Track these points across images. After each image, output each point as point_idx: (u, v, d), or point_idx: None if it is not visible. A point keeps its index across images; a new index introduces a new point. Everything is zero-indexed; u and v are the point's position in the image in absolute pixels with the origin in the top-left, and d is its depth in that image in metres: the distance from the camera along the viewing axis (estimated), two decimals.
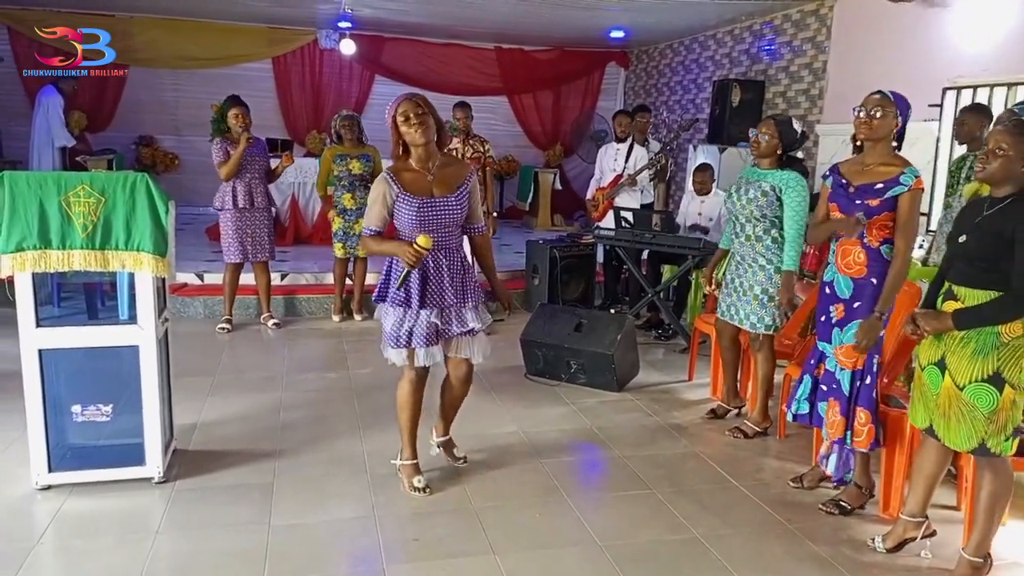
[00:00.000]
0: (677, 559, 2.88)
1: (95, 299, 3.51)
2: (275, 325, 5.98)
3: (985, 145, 2.60)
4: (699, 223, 5.97)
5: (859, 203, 3.04)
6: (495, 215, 6.45)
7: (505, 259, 7.60)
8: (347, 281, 6.25)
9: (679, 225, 6.08)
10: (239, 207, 5.61)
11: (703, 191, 6.00)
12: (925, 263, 4.61)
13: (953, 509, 3.28)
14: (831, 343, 3.20)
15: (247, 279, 5.95)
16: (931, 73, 5.67)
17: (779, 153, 3.84)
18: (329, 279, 6.40)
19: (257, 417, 4.14)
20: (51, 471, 3.19)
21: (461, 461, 3.49)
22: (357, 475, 3.47)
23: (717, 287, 4.19)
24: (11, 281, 3.03)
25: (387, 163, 7.09)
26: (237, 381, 4.72)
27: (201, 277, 6.52)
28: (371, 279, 6.27)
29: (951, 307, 2.63)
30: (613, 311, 6.11)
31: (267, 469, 3.49)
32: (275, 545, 2.87)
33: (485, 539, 2.96)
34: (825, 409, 3.25)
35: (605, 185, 6.60)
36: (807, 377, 3.36)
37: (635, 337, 4.97)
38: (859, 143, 3.12)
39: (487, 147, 6.06)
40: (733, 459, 3.79)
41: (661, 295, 5.92)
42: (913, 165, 3.04)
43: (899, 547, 2.92)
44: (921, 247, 4.74)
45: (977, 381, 2.57)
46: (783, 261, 3.81)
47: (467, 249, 3.38)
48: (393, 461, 3.43)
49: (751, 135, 3.93)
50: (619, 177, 6.49)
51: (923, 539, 2.91)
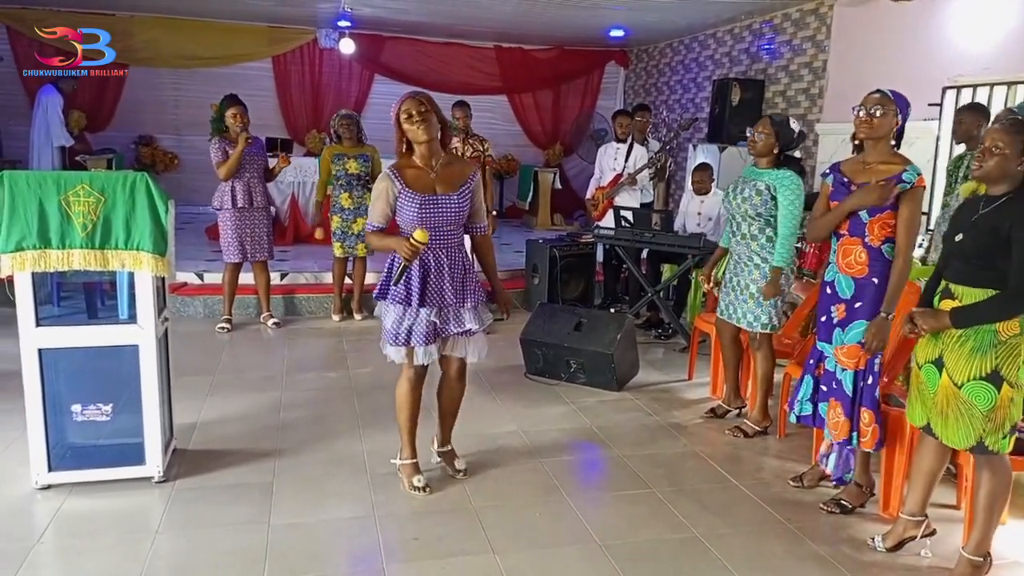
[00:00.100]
0: (677, 558, 2.88)
1: (95, 298, 3.51)
2: (275, 324, 5.98)
3: (982, 144, 2.60)
4: (699, 224, 5.97)
5: None
6: (494, 214, 6.45)
7: (505, 258, 7.60)
8: (347, 280, 6.26)
9: (679, 225, 6.09)
10: (238, 207, 5.61)
11: (702, 191, 6.00)
12: (924, 262, 4.61)
13: (953, 508, 3.28)
14: (832, 343, 3.19)
15: (247, 279, 5.96)
16: (931, 72, 5.67)
17: (776, 152, 3.84)
18: (329, 278, 6.39)
19: (257, 417, 4.14)
20: (51, 470, 3.19)
21: (460, 474, 3.46)
22: (357, 474, 3.47)
23: (716, 286, 4.19)
24: (11, 280, 3.03)
25: (387, 162, 7.11)
26: (237, 381, 4.72)
27: (201, 276, 6.52)
28: (370, 278, 6.27)
29: (948, 305, 2.63)
30: (613, 310, 6.12)
31: (267, 468, 3.50)
32: (275, 544, 2.87)
33: (485, 538, 2.96)
34: (826, 410, 3.25)
35: (605, 184, 6.60)
36: (808, 377, 3.35)
37: (635, 336, 4.97)
38: (858, 142, 3.12)
39: (486, 146, 6.06)
40: (733, 458, 3.80)
41: (661, 294, 5.92)
42: (914, 163, 3.04)
43: (899, 546, 2.92)
44: (921, 246, 4.73)
45: (975, 379, 2.57)
46: (776, 259, 3.82)
47: (468, 248, 3.37)
48: (393, 460, 3.43)
49: (748, 134, 3.93)
50: (619, 176, 6.49)
51: (923, 538, 2.91)
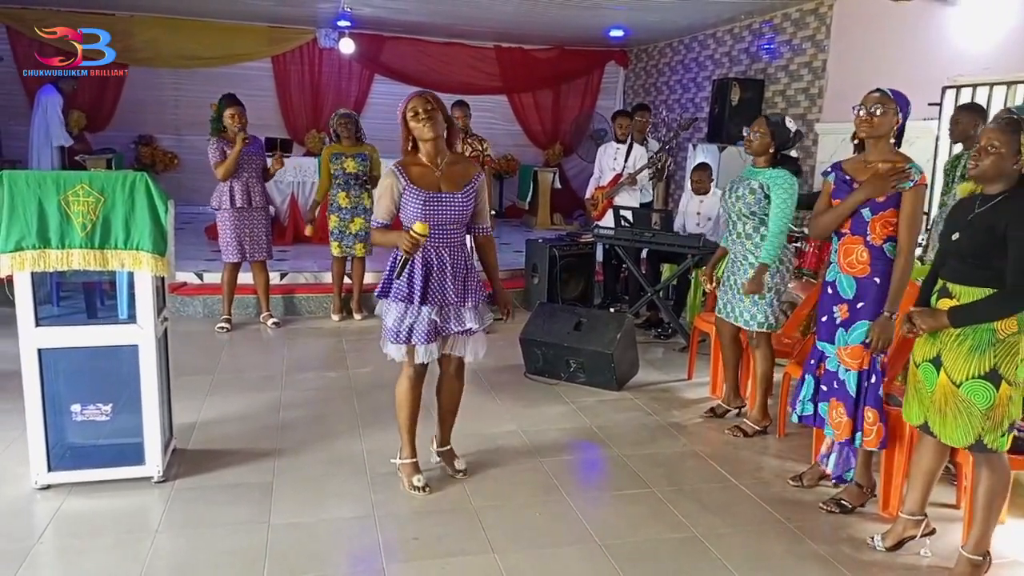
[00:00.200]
0: (677, 558, 2.88)
1: (94, 298, 3.50)
2: (274, 324, 5.98)
3: (978, 143, 2.61)
4: (698, 224, 5.97)
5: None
6: (492, 214, 6.44)
7: (504, 258, 7.58)
8: (346, 280, 6.26)
9: (678, 225, 6.09)
10: (236, 207, 5.60)
11: (701, 190, 6.01)
12: (922, 261, 4.61)
13: (952, 508, 3.28)
14: (833, 343, 3.18)
15: (246, 278, 5.95)
16: (931, 72, 5.67)
17: (772, 152, 3.85)
18: (328, 278, 6.39)
19: (256, 416, 4.14)
20: (50, 470, 3.19)
21: (461, 474, 3.45)
22: (357, 474, 3.47)
23: (717, 285, 4.20)
24: (10, 280, 3.03)
25: (387, 161, 7.08)
26: (236, 380, 4.72)
27: (200, 276, 6.52)
28: (369, 278, 6.27)
29: (946, 305, 2.63)
30: (612, 310, 6.12)
31: (266, 468, 3.50)
32: (274, 544, 2.87)
33: (484, 538, 2.96)
34: (827, 409, 3.24)
35: (604, 184, 6.60)
36: (808, 377, 3.34)
37: (634, 336, 4.97)
38: (859, 141, 3.12)
39: (485, 146, 6.06)
40: (733, 458, 3.80)
41: (660, 294, 5.92)
42: (915, 161, 3.03)
43: (899, 545, 2.92)
44: (920, 245, 4.73)
45: (974, 378, 2.57)
46: (763, 255, 3.83)
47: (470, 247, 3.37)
48: (393, 460, 3.43)
49: (745, 133, 3.94)
50: (618, 176, 6.49)
51: (922, 537, 2.91)
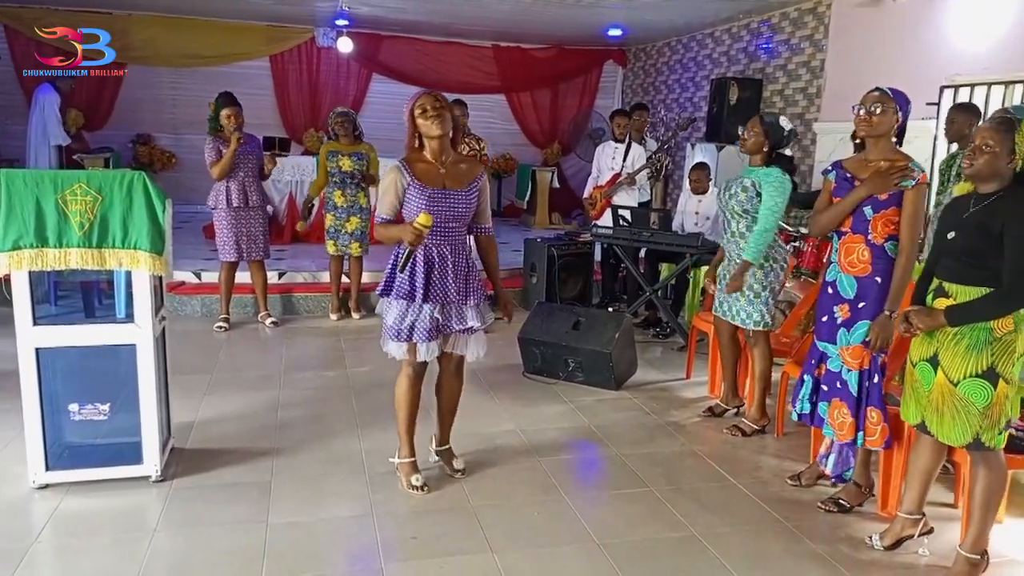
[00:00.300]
0: (675, 557, 2.88)
1: (92, 297, 3.50)
2: (273, 323, 5.97)
3: (972, 142, 2.61)
4: (696, 223, 5.98)
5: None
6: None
7: (503, 257, 7.50)
8: (345, 279, 6.25)
9: (677, 224, 6.09)
10: (233, 206, 5.60)
11: (699, 190, 6.01)
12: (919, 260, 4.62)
13: (950, 507, 3.28)
14: (835, 344, 3.17)
15: (245, 278, 5.95)
16: (929, 71, 5.68)
17: (766, 151, 3.86)
18: (326, 277, 6.39)
19: (255, 416, 4.13)
20: (48, 470, 3.18)
21: (459, 473, 3.45)
22: (355, 473, 3.47)
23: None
24: (8, 280, 3.02)
25: (386, 161, 7.06)
26: (235, 380, 4.71)
27: (198, 275, 6.51)
28: (367, 277, 6.27)
29: (943, 304, 2.64)
30: (611, 309, 6.12)
31: (265, 468, 3.49)
32: (273, 543, 2.87)
33: (483, 537, 2.96)
34: (827, 410, 3.23)
35: (603, 184, 6.60)
36: (808, 377, 3.33)
37: (633, 335, 4.97)
38: (859, 141, 3.12)
39: (482, 145, 6.05)
40: (731, 457, 3.80)
41: (659, 293, 5.93)
42: (916, 160, 3.03)
43: (897, 544, 2.92)
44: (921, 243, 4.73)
45: (971, 376, 2.58)
46: (746, 252, 3.84)
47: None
48: (391, 459, 3.43)
49: (740, 133, 3.95)
50: (617, 176, 6.49)
51: (920, 536, 2.91)
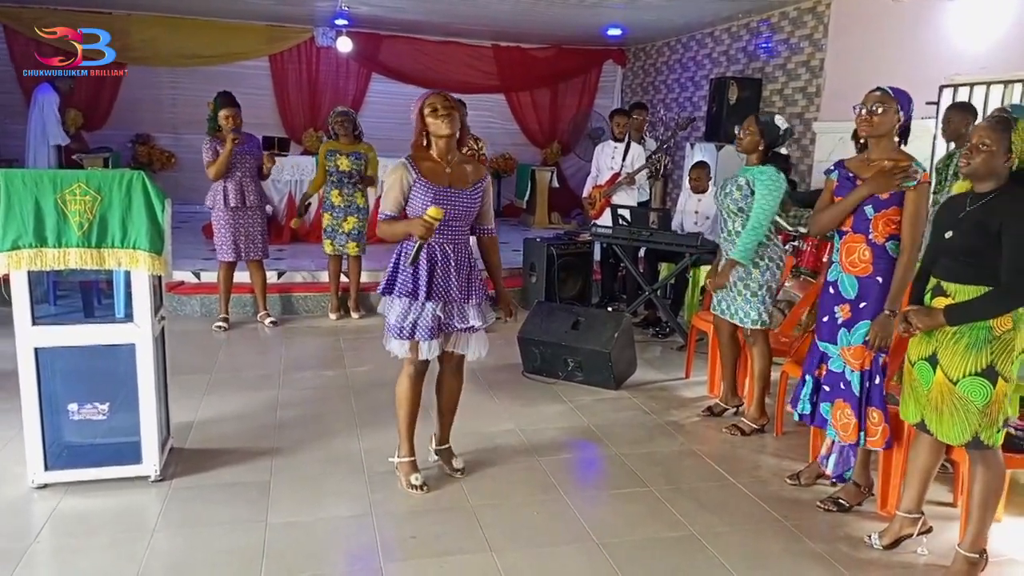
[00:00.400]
0: (674, 556, 2.88)
1: (91, 297, 3.50)
2: (272, 323, 5.97)
3: (969, 141, 2.61)
4: (696, 222, 5.98)
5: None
6: None
7: (503, 256, 7.55)
8: (344, 279, 6.25)
9: (676, 224, 6.09)
10: (230, 206, 5.59)
11: (699, 189, 6.02)
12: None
13: (949, 506, 3.29)
14: (836, 344, 3.17)
15: (244, 277, 5.94)
16: (928, 71, 5.68)
17: (762, 149, 3.87)
18: (325, 277, 6.38)
19: (254, 415, 4.13)
20: (47, 469, 3.18)
21: (458, 473, 3.45)
22: (354, 473, 3.47)
23: None
24: (7, 279, 3.02)
25: (387, 161, 7.06)
26: (234, 379, 4.71)
27: (198, 275, 6.50)
28: (366, 277, 6.27)
29: (941, 303, 2.64)
30: (610, 309, 6.11)
31: (264, 467, 3.49)
32: (272, 543, 2.87)
33: (482, 537, 2.96)
34: (829, 410, 3.22)
35: (602, 183, 6.60)
36: (808, 378, 3.33)
37: (632, 335, 4.97)
38: (862, 140, 3.12)
39: (480, 145, 6.05)
40: (730, 456, 3.80)
41: (658, 293, 5.93)
42: (918, 160, 3.03)
43: (896, 544, 2.92)
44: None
45: (971, 375, 2.58)
46: (734, 251, 3.85)
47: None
48: (391, 459, 3.43)
49: (736, 132, 3.96)
50: (616, 175, 6.49)
51: (919, 535, 2.91)
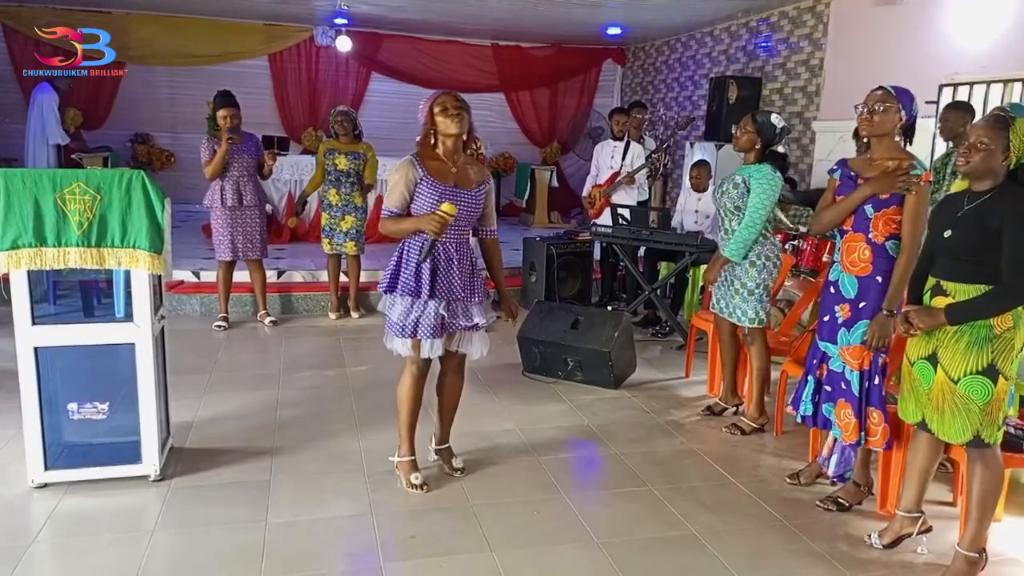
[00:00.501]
0: (674, 556, 2.88)
1: (91, 297, 3.50)
2: (272, 323, 5.97)
3: (966, 140, 2.60)
4: (696, 221, 5.98)
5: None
6: None
7: (502, 256, 7.58)
8: (343, 278, 6.24)
9: (676, 223, 6.09)
10: (227, 205, 5.59)
11: (699, 187, 6.02)
12: None
13: (949, 505, 3.29)
14: (836, 344, 3.17)
15: (243, 277, 5.94)
16: (928, 70, 5.67)
17: (758, 148, 3.87)
18: (325, 276, 6.37)
19: (254, 415, 4.13)
20: (47, 469, 3.18)
21: (458, 472, 3.46)
22: (354, 472, 3.47)
23: None
24: (6, 279, 3.02)
25: (386, 160, 7.03)
26: (234, 379, 4.71)
27: (197, 275, 6.50)
28: (365, 276, 6.26)
29: (941, 303, 2.64)
30: (610, 308, 6.12)
31: (264, 467, 3.49)
32: (272, 543, 2.87)
33: (482, 536, 2.96)
34: (832, 410, 3.21)
35: (602, 182, 6.60)
36: (810, 378, 3.33)
37: (632, 334, 4.97)
38: (865, 140, 3.11)
39: (479, 144, 6.05)
40: (730, 456, 3.80)
41: (658, 292, 5.93)
42: (920, 159, 3.03)
43: (896, 543, 2.93)
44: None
45: (972, 374, 2.58)
46: (727, 248, 3.86)
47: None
48: (391, 458, 3.42)
49: (733, 131, 3.97)
50: (616, 174, 6.49)
51: (919, 535, 2.92)
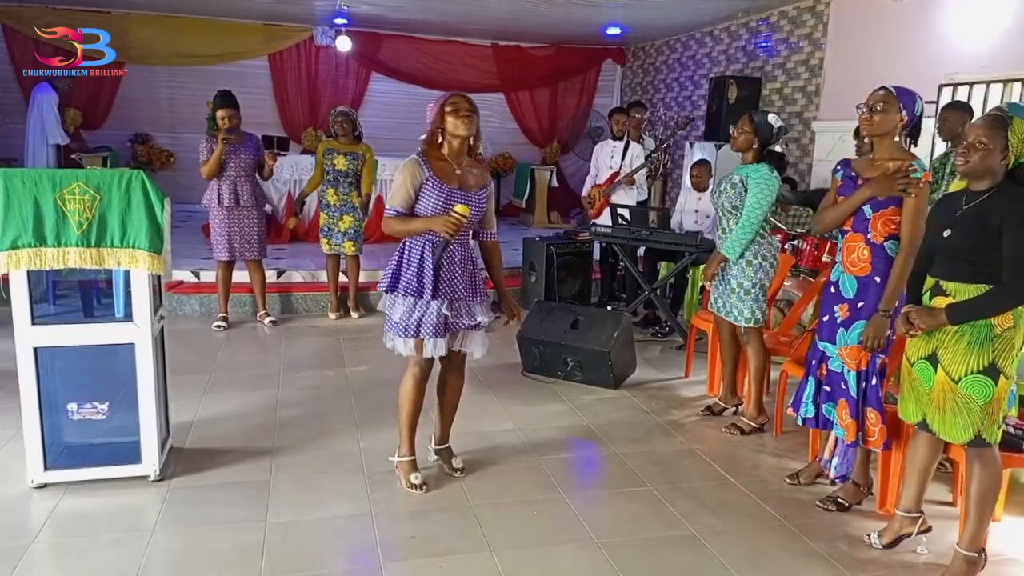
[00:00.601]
0: (674, 555, 2.88)
1: (91, 297, 3.50)
2: (271, 323, 5.97)
3: (965, 139, 2.60)
4: (696, 221, 5.98)
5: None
6: None
7: (502, 256, 7.57)
8: (343, 278, 6.24)
9: (676, 223, 6.09)
10: (224, 205, 5.60)
11: (700, 186, 6.02)
12: None
13: (949, 505, 3.29)
14: (835, 344, 3.17)
15: (243, 277, 5.94)
16: (927, 70, 5.67)
17: (756, 147, 3.88)
18: (324, 276, 6.37)
19: (254, 415, 4.13)
20: (47, 469, 3.18)
21: (458, 472, 3.46)
22: (354, 472, 3.47)
23: None
24: (6, 279, 3.02)
25: (384, 160, 7.00)
26: (233, 379, 4.71)
27: (197, 275, 6.50)
28: (364, 276, 6.26)
29: (941, 302, 2.64)
30: (610, 308, 6.12)
31: (264, 467, 3.49)
32: (272, 543, 2.87)
33: (482, 536, 2.96)
34: (833, 410, 3.22)
35: (601, 182, 6.60)
36: (811, 379, 3.33)
37: (632, 334, 4.97)
38: (867, 140, 3.11)
39: (478, 144, 6.04)
40: (729, 456, 3.80)
41: (658, 292, 5.93)
42: (921, 160, 3.03)
43: (895, 543, 2.93)
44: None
45: (973, 373, 2.58)
46: (724, 246, 3.88)
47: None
48: (391, 458, 3.42)
49: (730, 131, 3.98)
50: (616, 174, 6.49)
51: (919, 535, 2.92)
